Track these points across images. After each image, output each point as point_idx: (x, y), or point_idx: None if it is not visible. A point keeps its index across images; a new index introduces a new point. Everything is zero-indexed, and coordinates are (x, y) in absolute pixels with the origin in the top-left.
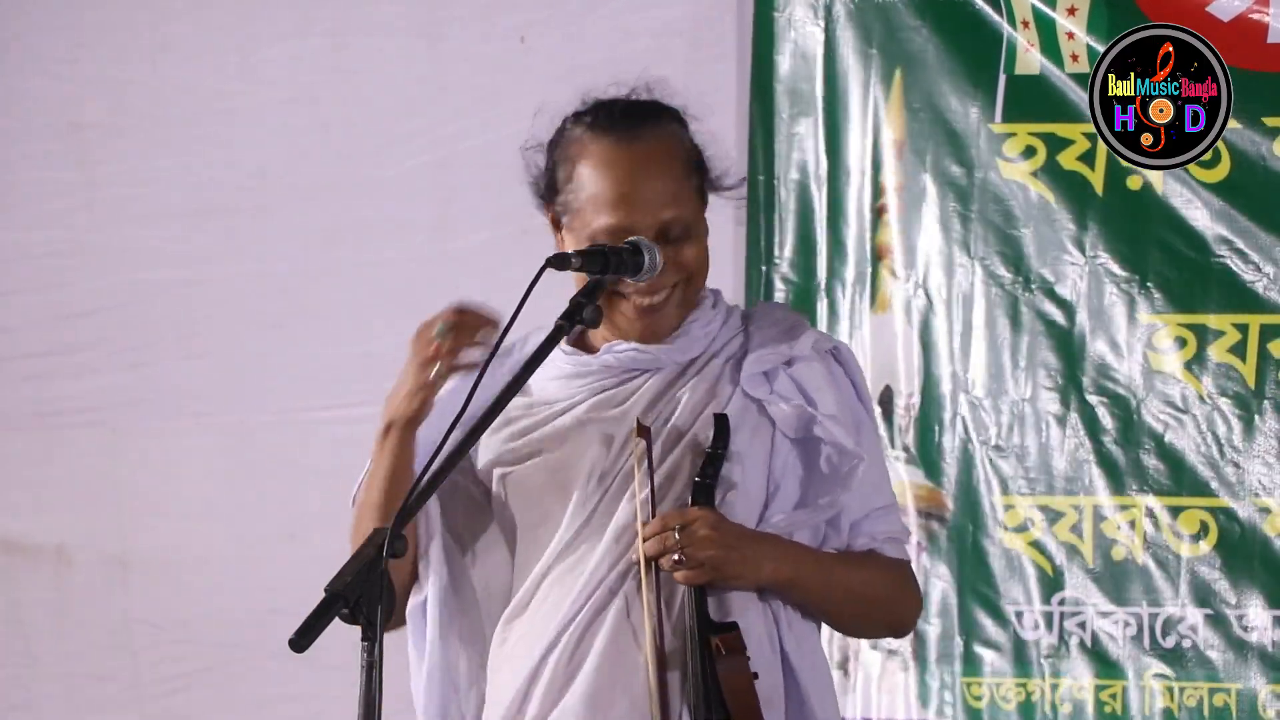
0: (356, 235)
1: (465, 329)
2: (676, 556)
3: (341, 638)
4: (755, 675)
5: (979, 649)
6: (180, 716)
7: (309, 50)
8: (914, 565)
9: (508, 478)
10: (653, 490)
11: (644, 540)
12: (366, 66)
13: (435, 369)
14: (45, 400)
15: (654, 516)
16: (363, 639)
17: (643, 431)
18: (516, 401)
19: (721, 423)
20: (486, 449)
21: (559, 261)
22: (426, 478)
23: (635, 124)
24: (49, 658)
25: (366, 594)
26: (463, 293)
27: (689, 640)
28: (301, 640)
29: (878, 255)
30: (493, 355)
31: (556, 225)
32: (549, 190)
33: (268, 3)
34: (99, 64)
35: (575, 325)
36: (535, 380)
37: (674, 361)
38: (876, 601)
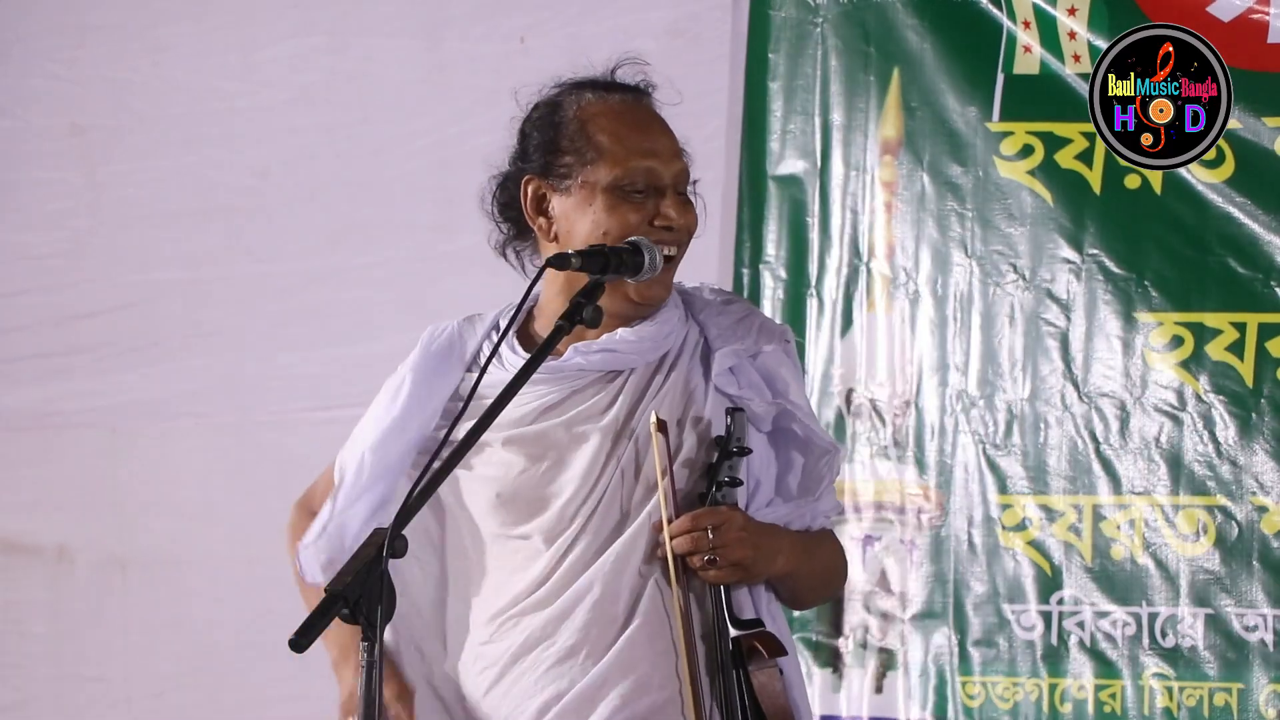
0: (357, 236)
1: None
2: (708, 557)
3: None
4: (781, 671)
5: (976, 648)
6: (179, 716)
7: (310, 51)
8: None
9: (485, 483)
10: (674, 486)
11: (672, 538)
12: (367, 68)
13: None
14: (46, 401)
15: (676, 513)
16: (363, 639)
17: (661, 427)
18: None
19: (740, 420)
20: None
21: (559, 261)
22: (428, 477)
23: (635, 89)
24: (48, 657)
25: (366, 594)
26: (464, 293)
27: (718, 639)
28: (301, 640)
29: (874, 254)
30: (486, 367)
31: (540, 198)
32: (546, 158)
33: (269, 4)
34: (100, 65)
35: (575, 325)
36: (490, 385)
37: (645, 361)
38: (835, 577)
